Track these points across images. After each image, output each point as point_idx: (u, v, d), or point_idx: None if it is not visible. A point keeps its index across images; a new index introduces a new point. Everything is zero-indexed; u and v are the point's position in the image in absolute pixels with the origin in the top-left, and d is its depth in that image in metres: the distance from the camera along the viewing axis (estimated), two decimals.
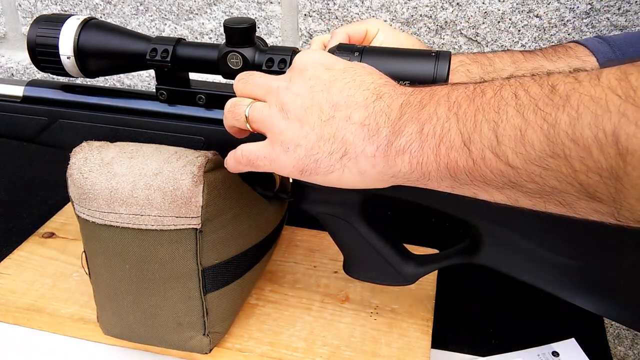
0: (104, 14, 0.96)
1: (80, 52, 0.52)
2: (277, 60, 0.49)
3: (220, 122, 0.53)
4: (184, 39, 0.52)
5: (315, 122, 0.41)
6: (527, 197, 0.36)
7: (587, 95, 0.30)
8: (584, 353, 0.59)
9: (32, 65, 0.55)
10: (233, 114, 0.45)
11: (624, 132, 0.29)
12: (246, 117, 0.44)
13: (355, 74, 0.42)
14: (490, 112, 0.35)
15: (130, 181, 0.49)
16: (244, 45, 0.49)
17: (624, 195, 0.30)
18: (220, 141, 0.53)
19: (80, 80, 0.72)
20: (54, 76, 0.73)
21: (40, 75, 1.02)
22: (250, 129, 0.45)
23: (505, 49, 0.81)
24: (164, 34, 0.94)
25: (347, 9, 0.84)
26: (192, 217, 0.50)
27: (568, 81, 0.32)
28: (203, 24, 0.91)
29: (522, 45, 0.80)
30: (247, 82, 0.46)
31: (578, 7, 0.76)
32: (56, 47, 0.52)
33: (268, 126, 0.43)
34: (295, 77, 0.43)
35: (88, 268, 0.55)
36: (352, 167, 0.41)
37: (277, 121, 0.43)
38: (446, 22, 0.81)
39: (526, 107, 0.33)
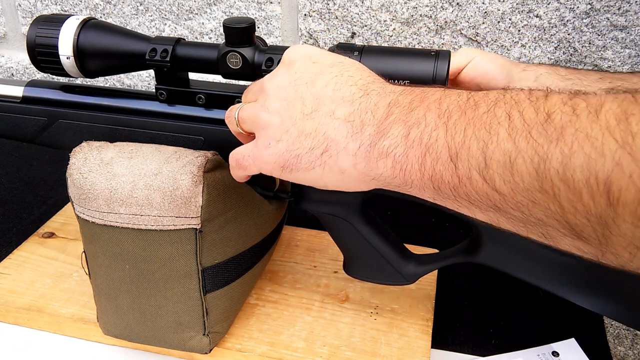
0: (103, 14, 0.96)
1: (79, 52, 0.52)
2: (277, 60, 0.49)
3: (219, 122, 0.53)
4: (184, 39, 0.52)
5: (297, 116, 0.40)
6: (509, 223, 0.34)
7: (583, 133, 0.29)
8: (584, 353, 0.59)
9: (32, 65, 0.55)
10: (228, 119, 0.46)
11: (617, 184, 0.27)
12: (237, 119, 0.44)
13: (344, 68, 0.41)
14: (481, 130, 0.33)
15: (130, 181, 0.49)
16: (244, 45, 0.49)
17: (611, 241, 0.29)
18: (220, 141, 0.53)
19: (80, 81, 0.72)
20: (54, 76, 0.73)
21: (40, 75, 1.02)
22: (243, 132, 0.45)
23: (505, 48, 0.81)
24: (163, 34, 0.94)
25: (347, 9, 0.84)
26: (191, 217, 0.50)
27: (565, 111, 0.30)
28: (203, 24, 0.91)
29: (522, 46, 0.80)
30: (248, 90, 0.46)
31: (578, 7, 0.76)
32: (56, 47, 0.52)
33: (254, 123, 0.43)
34: (281, 70, 0.42)
35: (88, 268, 0.55)
36: (332, 165, 0.40)
37: (260, 116, 0.42)
38: (446, 22, 0.81)
39: (518, 133, 0.31)
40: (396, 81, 0.46)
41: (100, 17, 0.96)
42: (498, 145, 0.32)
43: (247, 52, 0.49)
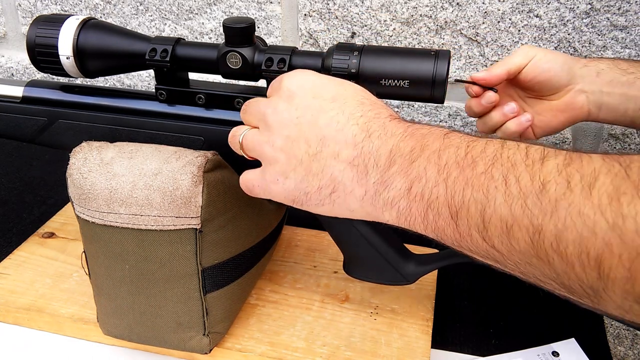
0: (103, 14, 0.96)
1: (79, 52, 0.52)
2: (277, 60, 0.49)
3: (219, 122, 0.53)
4: (184, 39, 0.52)
5: (303, 156, 0.41)
6: (510, 271, 0.36)
7: (576, 209, 0.30)
8: (584, 353, 0.59)
9: (32, 65, 0.54)
10: (232, 143, 0.46)
11: (607, 262, 0.29)
12: (240, 144, 0.45)
13: (345, 104, 0.41)
14: (479, 192, 0.34)
15: (130, 181, 0.49)
16: (243, 44, 0.49)
17: (602, 303, 0.31)
18: (220, 141, 0.53)
19: (79, 81, 0.72)
20: (54, 76, 0.73)
21: (39, 75, 1.02)
22: (247, 157, 0.45)
23: (505, 48, 0.81)
24: (164, 34, 0.94)
25: (347, 9, 0.84)
26: (191, 217, 0.50)
27: (560, 182, 0.31)
28: (203, 23, 0.91)
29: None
30: (246, 111, 0.46)
31: (578, 7, 0.76)
32: (55, 47, 0.52)
33: (259, 154, 0.43)
34: (283, 105, 0.42)
35: (88, 268, 0.55)
36: (341, 204, 0.41)
37: (265, 150, 0.42)
38: (446, 22, 0.81)
39: (515, 200, 0.32)
40: (396, 81, 0.46)
41: (100, 17, 0.96)
42: (495, 210, 0.33)
43: (247, 52, 0.49)
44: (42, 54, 0.52)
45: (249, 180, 0.45)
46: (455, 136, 0.38)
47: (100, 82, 1.00)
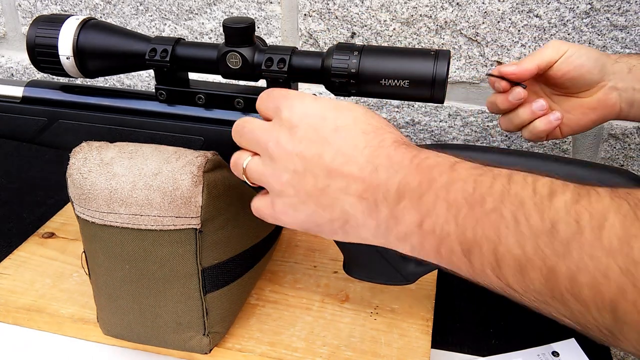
0: (103, 14, 0.96)
1: (79, 52, 0.52)
2: (277, 60, 0.49)
3: (219, 122, 0.53)
4: (184, 39, 0.52)
5: (311, 190, 0.40)
6: (528, 306, 0.36)
7: (588, 253, 0.29)
8: (584, 353, 0.59)
9: (32, 66, 0.55)
10: (234, 168, 0.45)
11: (622, 307, 0.28)
12: (244, 172, 0.44)
13: (348, 135, 0.40)
14: (490, 231, 0.34)
15: (130, 181, 0.49)
16: (243, 44, 0.49)
17: (618, 344, 0.31)
18: (220, 141, 0.53)
19: (79, 81, 0.72)
20: (54, 76, 0.73)
21: (39, 75, 1.02)
22: (250, 184, 0.45)
23: (505, 48, 0.81)
24: (163, 34, 0.94)
25: (347, 9, 0.84)
26: (191, 217, 0.50)
27: (570, 222, 0.31)
28: (203, 24, 0.91)
29: (522, 46, 0.80)
30: (242, 135, 0.45)
31: (578, 7, 0.76)
32: (55, 47, 0.52)
33: (265, 184, 0.43)
34: (285, 137, 0.41)
35: (88, 268, 0.55)
36: (354, 234, 0.41)
37: (272, 182, 0.42)
38: (446, 22, 0.81)
39: (527, 239, 0.32)
40: (396, 81, 0.46)
41: (100, 17, 0.96)
42: (508, 250, 0.33)
43: (246, 52, 0.49)
44: (42, 54, 0.52)
45: (260, 210, 0.45)
46: (462, 168, 0.37)
47: (100, 82, 1.00)
